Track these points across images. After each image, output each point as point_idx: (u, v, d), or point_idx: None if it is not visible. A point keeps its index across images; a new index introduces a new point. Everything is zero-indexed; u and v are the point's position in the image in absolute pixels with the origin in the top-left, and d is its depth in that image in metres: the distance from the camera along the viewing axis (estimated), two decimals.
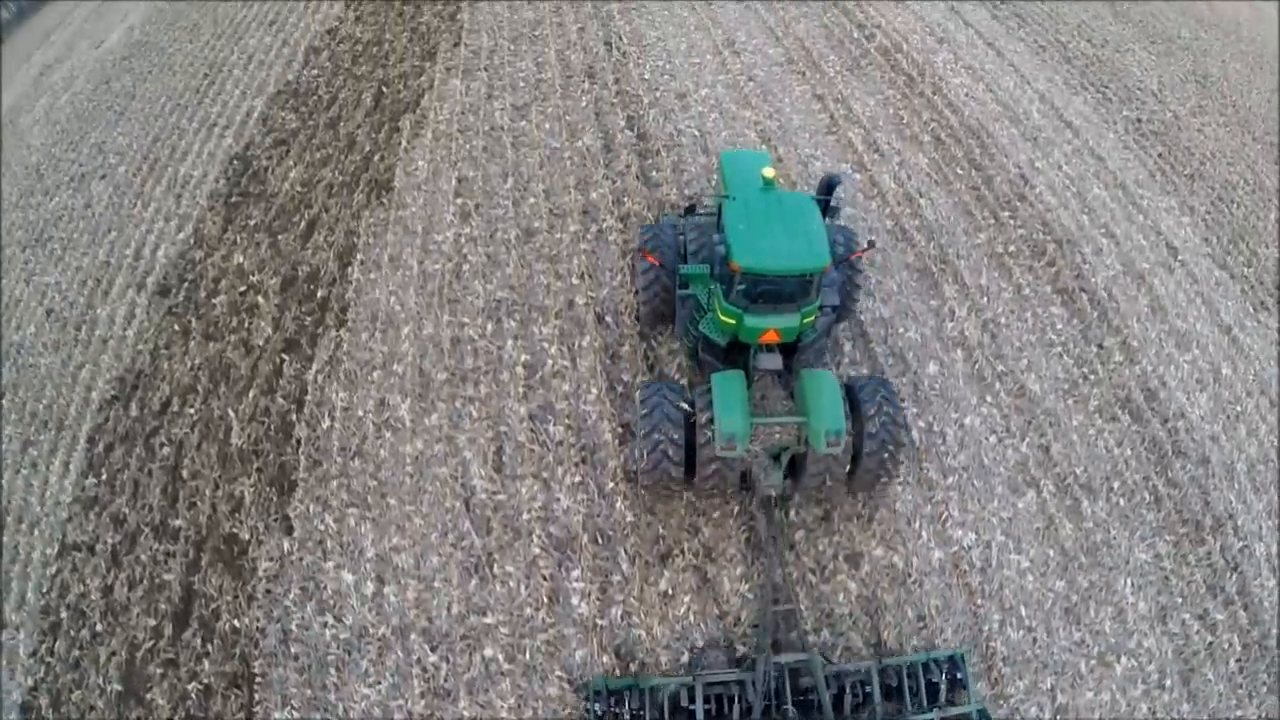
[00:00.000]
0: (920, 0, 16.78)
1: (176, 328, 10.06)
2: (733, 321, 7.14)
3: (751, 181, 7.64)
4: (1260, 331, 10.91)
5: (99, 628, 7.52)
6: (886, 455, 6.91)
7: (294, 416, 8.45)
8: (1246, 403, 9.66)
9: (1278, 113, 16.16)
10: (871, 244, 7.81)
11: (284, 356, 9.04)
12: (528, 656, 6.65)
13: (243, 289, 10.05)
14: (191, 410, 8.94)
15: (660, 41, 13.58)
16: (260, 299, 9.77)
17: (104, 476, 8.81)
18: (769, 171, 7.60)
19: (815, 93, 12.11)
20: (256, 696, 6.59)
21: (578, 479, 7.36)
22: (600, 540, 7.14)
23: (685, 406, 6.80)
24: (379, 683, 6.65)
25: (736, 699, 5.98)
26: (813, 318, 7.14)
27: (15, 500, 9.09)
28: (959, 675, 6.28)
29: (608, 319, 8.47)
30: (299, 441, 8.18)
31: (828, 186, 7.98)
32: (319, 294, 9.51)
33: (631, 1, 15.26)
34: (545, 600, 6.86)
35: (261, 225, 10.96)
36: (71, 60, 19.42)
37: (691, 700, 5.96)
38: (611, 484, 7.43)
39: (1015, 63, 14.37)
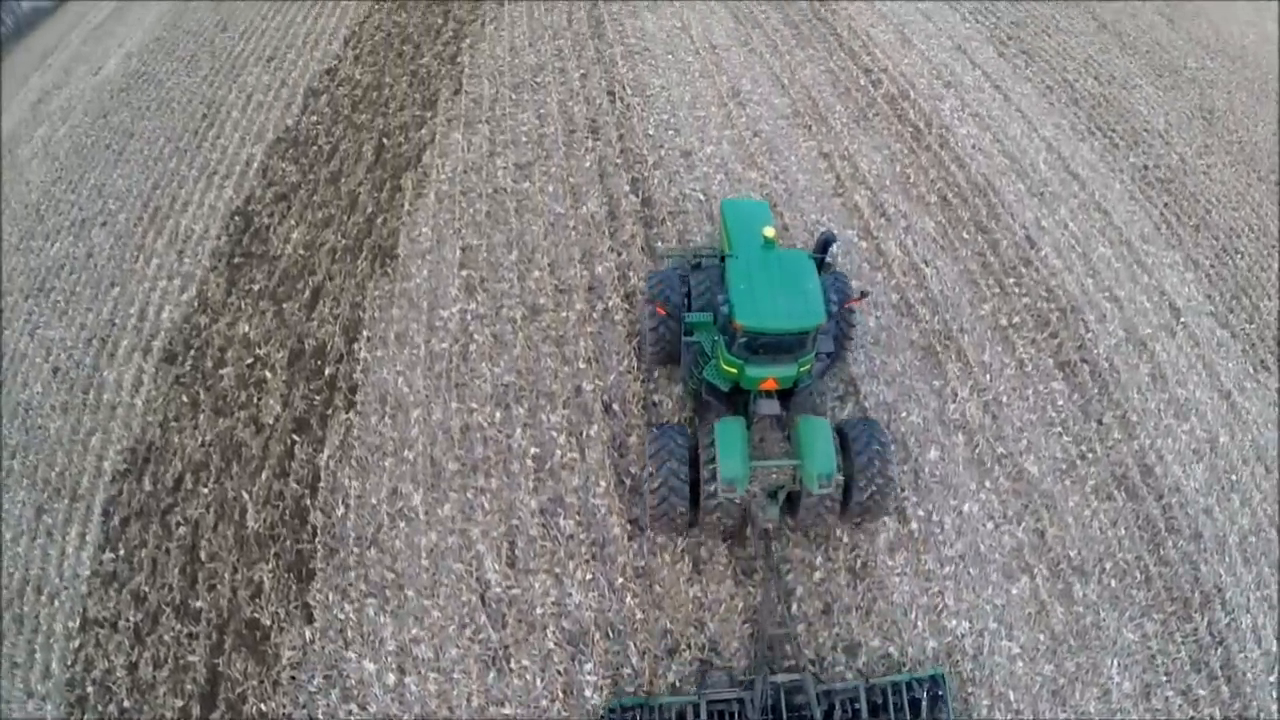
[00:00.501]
0: (925, 14, 17.05)
1: (185, 399, 10.44)
2: (734, 371, 7.96)
3: (752, 235, 8.42)
4: (1259, 393, 11.31)
5: (126, 704, 8.01)
6: (874, 491, 7.66)
7: (308, 502, 8.87)
8: (1242, 471, 10.10)
9: (1279, 146, 16.40)
10: (864, 294, 8.88)
11: (295, 438, 9.46)
12: None
13: (249, 361, 10.45)
14: (205, 490, 9.36)
15: (664, 91, 13.81)
16: (268, 373, 10.16)
17: (121, 552, 9.25)
18: (769, 231, 8.40)
19: (822, 150, 12.42)
20: None
21: (589, 576, 7.81)
22: (611, 635, 7.62)
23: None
24: None
25: (737, 715, 6.86)
26: (809, 366, 7.98)
27: (34, 570, 9.54)
28: (939, 693, 7.16)
29: (615, 407, 8.92)
30: (315, 529, 8.61)
31: (824, 245, 8.91)
32: (326, 371, 9.92)
33: (635, 46, 15.42)
34: (560, 693, 7.36)
35: (265, 291, 11.32)
36: (69, 88, 19.68)
37: (697, 716, 6.81)
38: (620, 579, 7.90)
39: (1022, 107, 14.57)
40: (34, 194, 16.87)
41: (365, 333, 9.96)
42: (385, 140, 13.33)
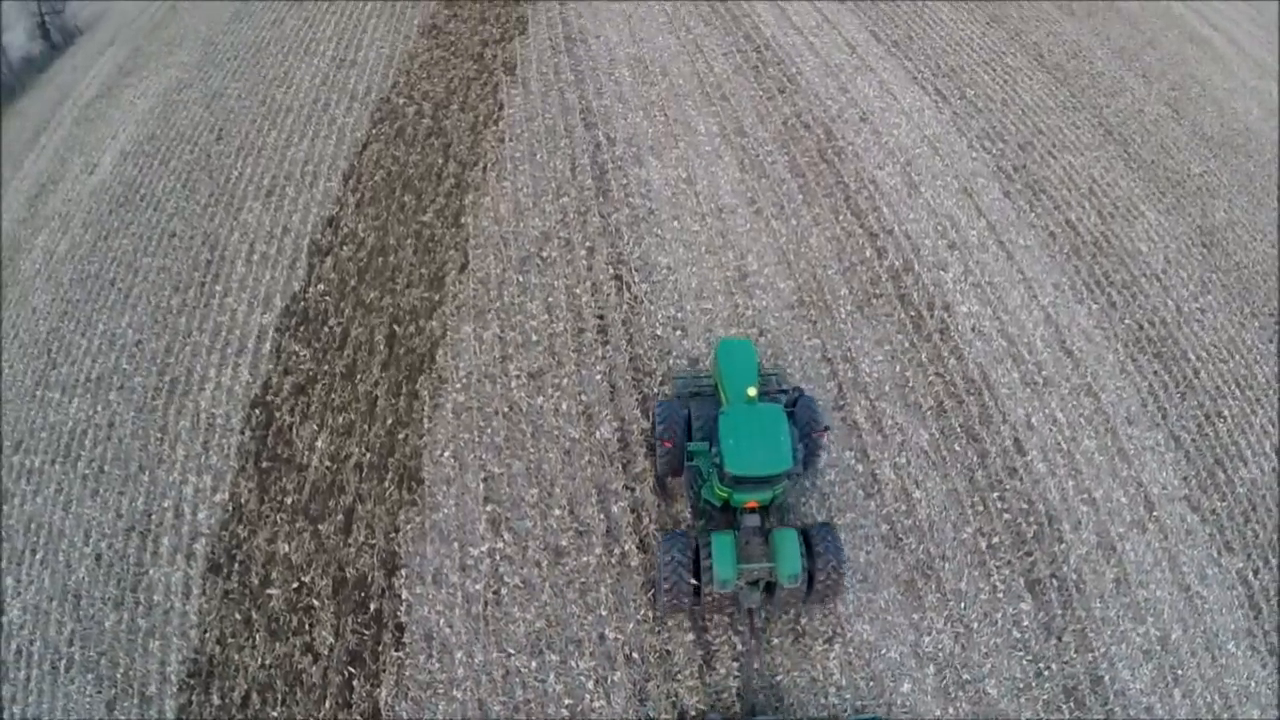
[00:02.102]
0: (932, 145, 18.23)
1: (238, 616, 12.38)
2: (725, 495, 11.54)
3: (739, 387, 11.73)
4: (1220, 578, 13.42)
5: None
6: (830, 581, 11.10)
7: None
8: (1189, 664, 12.33)
9: (1277, 266, 17.66)
10: (827, 428, 12.37)
11: (351, 670, 11.50)
12: None
13: (295, 585, 12.37)
14: (274, 713, 11.42)
15: (671, 273, 15.31)
16: (315, 601, 12.13)
17: None
18: (752, 391, 11.66)
19: (825, 353, 14.17)
20: None
21: None
22: None
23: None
24: None
25: None
26: (782, 489, 11.65)
27: None
28: None
29: (635, 656, 11.08)
30: None
31: (794, 401, 12.31)
32: (371, 605, 11.89)
33: (640, 209, 16.41)
34: None
35: (298, 506, 13.21)
36: (65, 185, 21.31)
37: None
38: None
39: (1024, 266, 16.08)
40: (42, 327, 18.31)
41: (403, 570, 12.04)
42: (396, 328, 14.93)
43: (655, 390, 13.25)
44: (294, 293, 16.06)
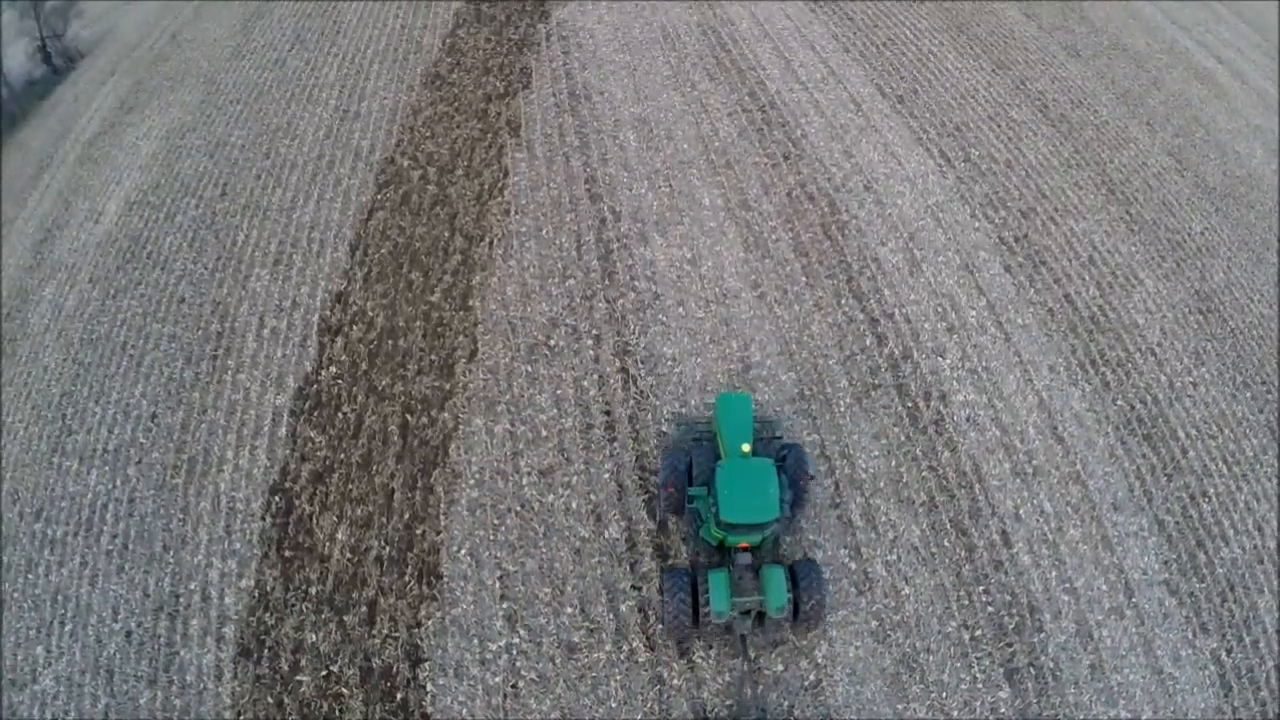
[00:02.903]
0: (935, 216, 18.83)
1: (270, 700, 13.70)
2: (720, 536, 13.49)
3: (735, 442, 13.56)
4: (1193, 658, 14.74)
5: None
6: (813, 611, 12.97)
7: None
8: None
9: (1276, 326, 18.47)
10: (812, 477, 14.15)
11: None
12: None
13: (324, 673, 13.46)
14: None
15: (675, 365, 16.36)
16: (344, 690, 13.38)
17: None
18: (745, 447, 13.58)
19: (823, 450, 15.29)
20: None
21: None
22: None
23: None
24: None
25: None
26: (771, 531, 13.61)
27: None
28: None
29: None
30: None
31: (781, 456, 14.19)
32: (398, 695, 13.07)
33: (645, 293, 17.21)
34: None
35: (323, 596, 14.44)
36: (70, 233, 22.28)
37: None
38: None
39: (1021, 348, 17.11)
40: (55, 389, 19.46)
41: (427, 663, 13.38)
42: (409, 417, 16.03)
43: (660, 492, 14.16)
44: (306, 373, 17.11)
